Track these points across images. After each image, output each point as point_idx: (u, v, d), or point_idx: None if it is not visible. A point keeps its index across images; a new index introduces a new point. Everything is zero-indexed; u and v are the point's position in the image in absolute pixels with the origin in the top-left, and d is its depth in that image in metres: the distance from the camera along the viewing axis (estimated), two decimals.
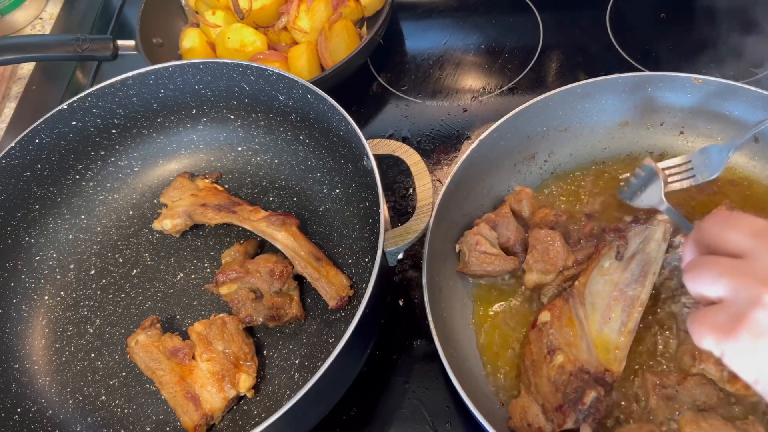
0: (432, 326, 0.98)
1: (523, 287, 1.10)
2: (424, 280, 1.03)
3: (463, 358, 1.04)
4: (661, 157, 1.21)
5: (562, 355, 0.96)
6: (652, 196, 1.08)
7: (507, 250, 1.11)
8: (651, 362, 1.00)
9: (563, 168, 1.24)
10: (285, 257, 1.15)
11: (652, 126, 1.22)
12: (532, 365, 0.99)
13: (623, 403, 0.97)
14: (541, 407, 0.95)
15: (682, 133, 1.22)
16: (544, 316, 1.01)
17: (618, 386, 0.98)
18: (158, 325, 1.13)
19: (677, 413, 0.93)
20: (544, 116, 1.21)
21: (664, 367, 1.00)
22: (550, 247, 1.05)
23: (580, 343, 0.98)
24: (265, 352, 1.13)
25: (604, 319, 0.99)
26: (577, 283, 1.04)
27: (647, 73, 1.26)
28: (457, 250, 1.12)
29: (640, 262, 1.02)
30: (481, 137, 1.15)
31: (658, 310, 1.03)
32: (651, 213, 1.08)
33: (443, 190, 1.11)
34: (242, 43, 1.48)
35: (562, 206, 1.19)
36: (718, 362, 0.91)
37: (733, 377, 0.93)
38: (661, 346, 1.01)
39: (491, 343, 1.07)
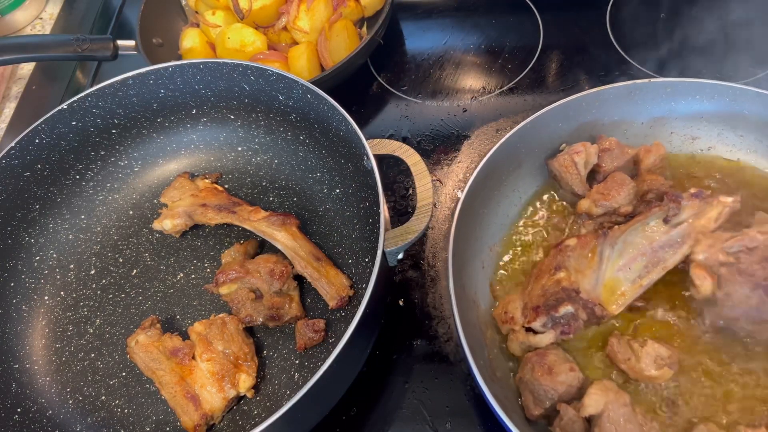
0: (461, 333, 0.98)
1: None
2: (451, 289, 1.02)
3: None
4: None
5: (565, 273, 1.00)
6: None
7: (595, 175, 1.16)
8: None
9: None
10: (285, 257, 1.15)
11: None
12: (537, 274, 1.04)
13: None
14: (524, 305, 1.01)
15: None
16: (571, 241, 1.04)
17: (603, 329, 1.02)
18: (158, 325, 1.13)
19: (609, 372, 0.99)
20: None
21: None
22: (619, 188, 1.10)
23: (590, 274, 1.01)
24: (265, 352, 1.13)
25: (625, 266, 1.02)
26: (615, 227, 1.06)
27: None
28: (560, 148, 1.19)
29: (684, 231, 1.03)
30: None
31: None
32: (716, 192, 1.07)
33: (468, 187, 1.10)
34: (242, 43, 1.48)
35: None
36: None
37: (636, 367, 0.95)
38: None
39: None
